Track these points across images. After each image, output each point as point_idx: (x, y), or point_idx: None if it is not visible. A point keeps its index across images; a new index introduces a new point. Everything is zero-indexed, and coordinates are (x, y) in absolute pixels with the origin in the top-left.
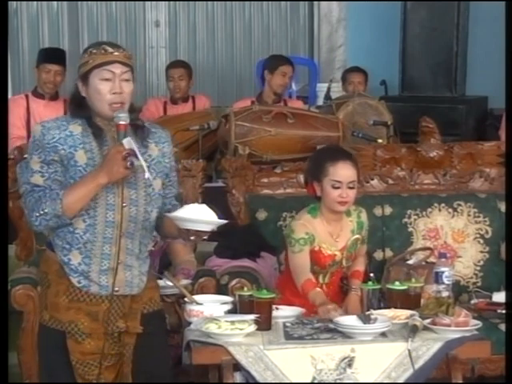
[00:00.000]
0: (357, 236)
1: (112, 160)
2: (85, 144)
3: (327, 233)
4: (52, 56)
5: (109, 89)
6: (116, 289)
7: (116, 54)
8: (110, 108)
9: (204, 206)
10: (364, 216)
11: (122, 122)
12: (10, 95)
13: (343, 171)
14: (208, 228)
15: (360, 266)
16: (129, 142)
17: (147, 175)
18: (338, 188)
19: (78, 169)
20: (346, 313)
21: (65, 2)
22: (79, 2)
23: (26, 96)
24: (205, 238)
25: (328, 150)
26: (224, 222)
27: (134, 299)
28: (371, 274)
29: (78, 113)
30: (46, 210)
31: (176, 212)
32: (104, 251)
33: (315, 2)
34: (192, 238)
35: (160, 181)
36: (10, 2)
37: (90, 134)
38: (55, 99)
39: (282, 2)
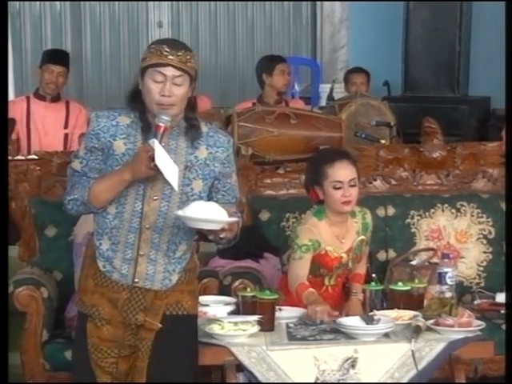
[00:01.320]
0: (362, 237)
1: (138, 158)
2: (128, 135)
3: (333, 235)
4: (56, 57)
5: (159, 90)
6: (136, 280)
7: (170, 57)
8: (158, 108)
9: (213, 204)
10: (369, 217)
11: (161, 124)
12: (12, 95)
13: (342, 171)
14: (217, 227)
15: (361, 268)
16: (153, 143)
17: (167, 178)
18: (339, 188)
19: (115, 157)
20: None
21: (67, 3)
22: (82, 3)
23: (28, 98)
24: (222, 236)
25: (323, 153)
26: (233, 220)
27: (158, 296)
28: (373, 275)
29: (133, 104)
30: (75, 196)
31: (183, 210)
32: (128, 240)
33: (318, 2)
34: (210, 236)
35: (202, 183)
36: (12, 3)
37: (139, 128)
38: (57, 101)
39: (285, 3)
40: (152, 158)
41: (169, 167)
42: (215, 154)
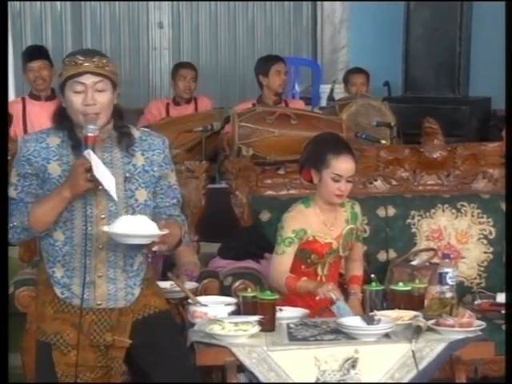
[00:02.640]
0: (351, 226)
1: (74, 173)
2: (61, 156)
3: (321, 222)
4: (31, 54)
5: (81, 100)
6: (98, 302)
7: (86, 64)
8: (85, 118)
9: (141, 218)
10: (358, 208)
11: (89, 134)
12: (13, 96)
13: (344, 165)
14: (146, 241)
15: (358, 270)
16: (88, 154)
17: (106, 187)
18: (337, 181)
19: (52, 181)
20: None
21: (68, 3)
22: (82, 3)
23: (23, 99)
24: (154, 249)
25: (330, 141)
26: (163, 233)
27: (123, 312)
28: (372, 275)
29: (60, 124)
30: (15, 223)
31: (110, 226)
32: (83, 264)
33: (318, 3)
34: (144, 251)
35: (145, 191)
36: (13, 3)
37: (70, 147)
38: (52, 99)
39: (285, 3)
40: (88, 171)
41: (106, 177)
42: (152, 157)
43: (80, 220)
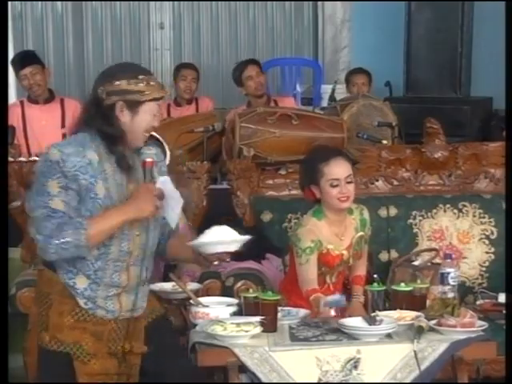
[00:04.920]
0: (361, 233)
1: (142, 197)
2: (105, 173)
3: (333, 234)
4: (21, 61)
5: (155, 120)
6: (123, 313)
7: (165, 90)
8: (143, 138)
9: (225, 228)
10: (366, 213)
11: (148, 159)
12: (15, 98)
13: (338, 168)
14: (235, 247)
15: (361, 270)
16: (164, 182)
17: (169, 217)
18: (336, 186)
19: (95, 201)
20: None
21: (69, 4)
22: (83, 4)
23: (21, 102)
24: (228, 260)
25: (317, 152)
26: (248, 237)
27: (138, 318)
28: (375, 276)
29: (110, 139)
30: (67, 239)
31: (200, 238)
32: (113, 279)
33: (319, 3)
34: (215, 262)
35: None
36: (14, 5)
37: (106, 161)
38: (50, 101)
39: (286, 3)
40: (160, 198)
41: (173, 204)
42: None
43: (118, 238)
